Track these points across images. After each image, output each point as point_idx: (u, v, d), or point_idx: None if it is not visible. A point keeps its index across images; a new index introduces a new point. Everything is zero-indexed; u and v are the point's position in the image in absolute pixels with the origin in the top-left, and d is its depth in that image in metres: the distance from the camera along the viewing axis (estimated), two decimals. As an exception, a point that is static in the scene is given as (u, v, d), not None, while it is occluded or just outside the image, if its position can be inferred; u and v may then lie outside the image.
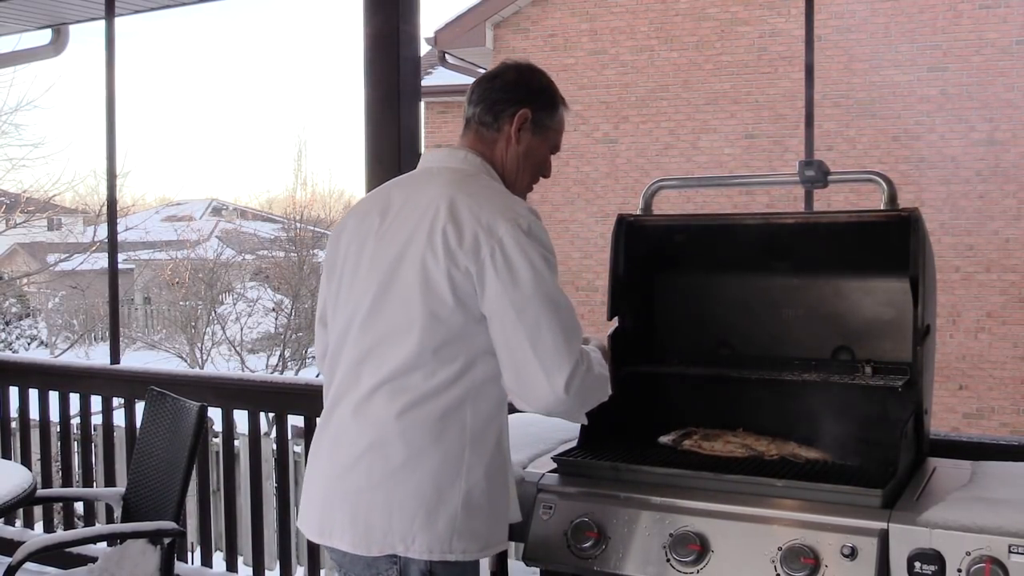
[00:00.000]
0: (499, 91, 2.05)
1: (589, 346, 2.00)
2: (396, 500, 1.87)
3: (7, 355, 11.65)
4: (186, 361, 15.29)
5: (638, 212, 2.59)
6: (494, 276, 1.84)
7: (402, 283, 1.90)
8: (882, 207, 2.27)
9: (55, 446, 5.03)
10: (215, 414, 4.02)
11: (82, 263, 16.24)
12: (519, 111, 2.03)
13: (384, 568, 1.89)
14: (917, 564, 1.81)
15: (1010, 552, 1.75)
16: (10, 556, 2.93)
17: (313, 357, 15.83)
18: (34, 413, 4.71)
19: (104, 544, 3.90)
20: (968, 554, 1.78)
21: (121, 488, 3.44)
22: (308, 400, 3.74)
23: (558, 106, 2.10)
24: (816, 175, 2.38)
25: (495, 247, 1.84)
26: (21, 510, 4.50)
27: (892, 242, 2.19)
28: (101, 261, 15.24)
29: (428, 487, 1.86)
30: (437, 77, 12.48)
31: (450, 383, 1.87)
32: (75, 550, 3.89)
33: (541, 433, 2.52)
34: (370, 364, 1.91)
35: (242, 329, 15.82)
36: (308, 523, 2.00)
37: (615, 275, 2.52)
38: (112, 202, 4.84)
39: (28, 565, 2.84)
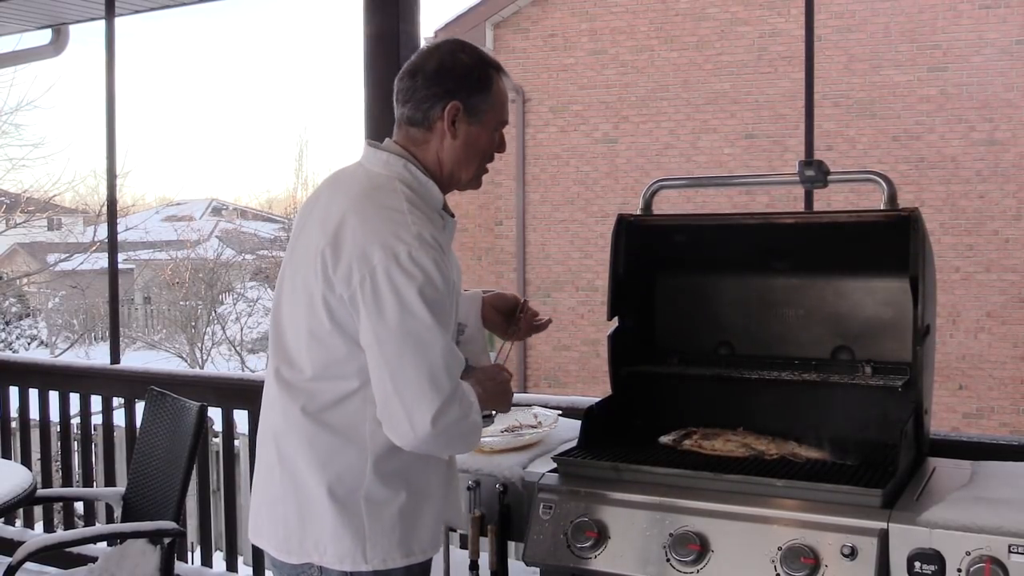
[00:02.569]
0: (423, 87, 1.91)
1: (469, 385, 1.87)
2: (305, 509, 1.87)
3: (7, 355, 11.65)
4: (186, 361, 15.31)
5: (638, 212, 2.59)
6: (362, 306, 1.77)
7: (293, 299, 1.91)
8: (882, 207, 2.27)
9: (55, 446, 5.03)
10: (215, 414, 4.02)
11: (82, 263, 16.25)
12: (448, 104, 1.90)
13: (308, 573, 1.90)
14: (917, 564, 1.81)
15: (1010, 552, 1.75)
16: (10, 556, 2.93)
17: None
18: (34, 413, 4.71)
19: (104, 544, 3.91)
20: (968, 554, 1.78)
21: (121, 488, 3.44)
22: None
23: (490, 83, 1.94)
24: (816, 175, 2.38)
25: (366, 276, 1.76)
26: (21, 510, 4.50)
27: (892, 242, 2.19)
28: (101, 261, 15.25)
29: (331, 497, 1.84)
30: (437, 77, 12.46)
31: (348, 395, 1.85)
32: (75, 550, 3.89)
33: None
34: (281, 369, 1.93)
35: (242, 329, 15.83)
36: (250, 520, 2.04)
37: (615, 275, 2.52)
38: (112, 202, 4.84)
39: (28, 565, 2.85)
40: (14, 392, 4.78)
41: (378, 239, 1.77)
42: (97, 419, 4.75)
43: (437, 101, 1.90)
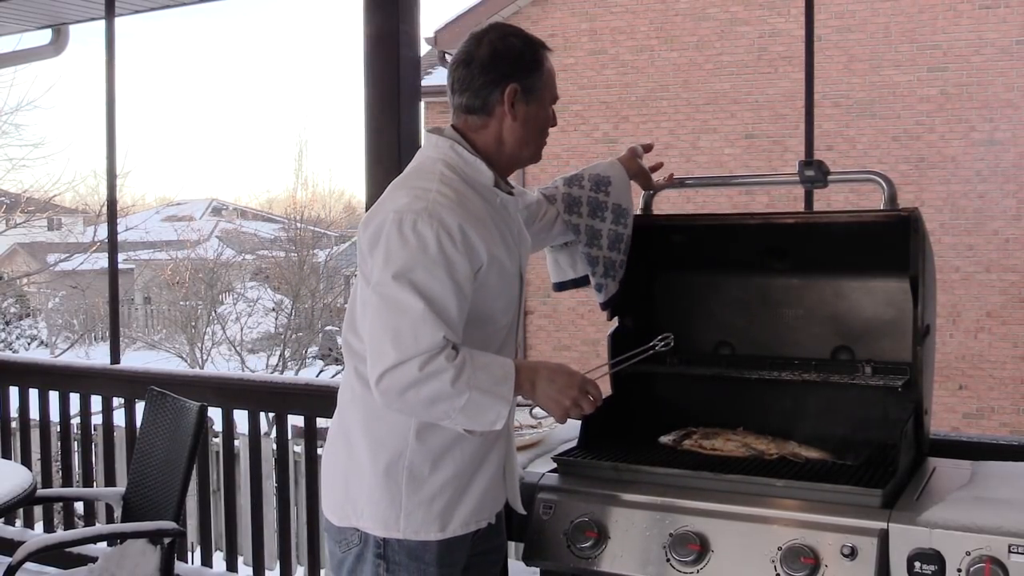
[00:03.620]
0: (479, 75, 1.97)
1: (484, 360, 1.87)
2: (352, 472, 1.97)
3: (7, 355, 11.65)
4: (186, 361, 15.29)
5: (638, 212, 2.59)
6: (371, 255, 1.89)
7: (359, 274, 1.99)
8: (882, 207, 2.27)
9: (55, 446, 5.03)
10: (215, 414, 4.02)
11: (82, 263, 16.24)
12: (507, 88, 1.97)
13: (350, 537, 1.97)
14: (917, 564, 1.81)
15: (1010, 552, 1.75)
16: (10, 556, 2.93)
17: (312, 357, 15.97)
18: (34, 413, 4.71)
19: (104, 544, 3.90)
20: (968, 554, 1.78)
21: (121, 488, 3.44)
22: (308, 400, 3.74)
23: (542, 62, 2.03)
24: (816, 175, 2.38)
25: (377, 237, 1.87)
26: (21, 510, 4.50)
27: (892, 242, 2.19)
28: (101, 261, 15.24)
29: (373, 463, 1.92)
30: (437, 77, 12.44)
31: None
32: (75, 550, 3.89)
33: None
34: (348, 337, 2.01)
35: (242, 329, 15.82)
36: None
37: (615, 275, 2.51)
38: (112, 202, 4.84)
39: (28, 565, 2.85)
40: (14, 392, 4.77)
41: (393, 207, 1.87)
42: (97, 419, 4.74)
43: (495, 86, 1.97)
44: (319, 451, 3.30)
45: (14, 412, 4.92)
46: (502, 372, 1.86)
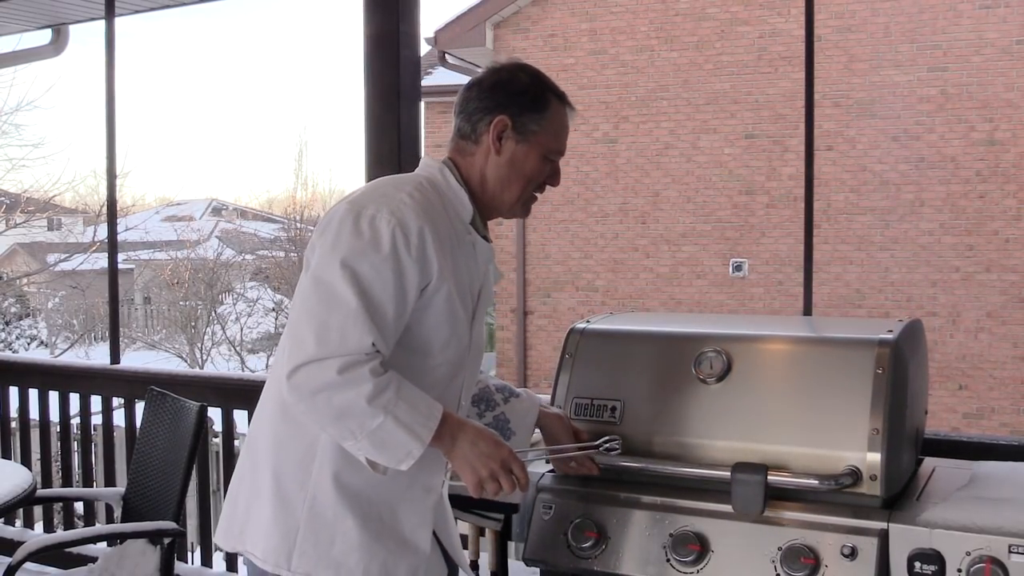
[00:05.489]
0: (476, 99, 1.88)
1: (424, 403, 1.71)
2: (252, 495, 1.84)
3: (7, 355, 11.65)
4: (186, 361, 15.31)
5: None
6: (319, 240, 1.77)
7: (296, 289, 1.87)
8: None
9: (55, 446, 5.03)
10: (215, 414, 4.02)
11: (82, 263, 16.26)
12: (495, 119, 1.86)
13: (248, 564, 1.86)
14: (917, 564, 1.81)
15: (1010, 552, 1.75)
16: (10, 556, 2.93)
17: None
18: (34, 413, 4.71)
19: (104, 544, 3.90)
20: (968, 554, 1.78)
21: (121, 488, 3.44)
22: (308, 400, 3.74)
23: (547, 106, 1.89)
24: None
25: (326, 224, 1.77)
26: (21, 510, 4.50)
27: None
28: (101, 261, 15.26)
29: (275, 485, 1.79)
30: (437, 77, 12.47)
31: None
32: (75, 550, 3.89)
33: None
34: (274, 357, 1.92)
35: (242, 329, 15.84)
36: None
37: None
38: (112, 202, 4.84)
39: (28, 565, 2.85)
40: (14, 392, 4.77)
41: (353, 199, 1.78)
42: (97, 419, 4.74)
43: (486, 114, 1.87)
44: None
45: (14, 412, 4.92)
46: (427, 410, 1.69)
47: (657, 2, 11.13)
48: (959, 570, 1.78)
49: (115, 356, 4.57)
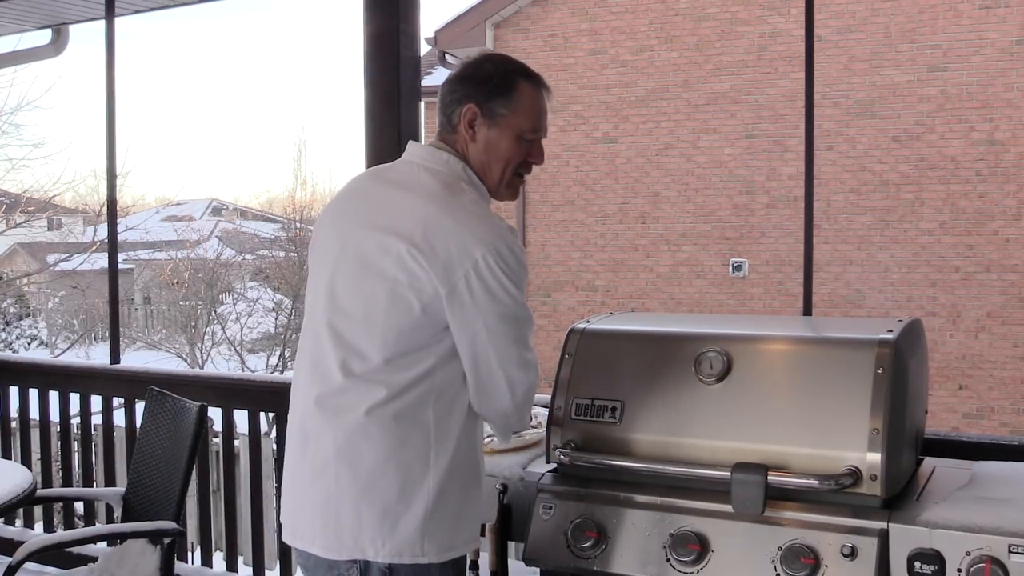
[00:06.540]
0: (448, 92, 2.00)
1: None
2: (364, 505, 1.86)
3: (7, 355, 11.65)
4: (186, 361, 15.29)
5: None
6: (467, 296, 1.82)
7: (360, 296, 1.88)
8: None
9: (55, 446, 5.03)
10: (215, 414, 4.02)
11: (82, 263, 16.24)
12: (464, 108, 1.96)
13: (345, 569, 1.88)
14: (917, 564, 1.81)
15: (1010, 552, 1.75)
16: (10, 556, 2.93)
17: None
18: (34, 413, 4.71)
19: (104, 544, 3.91)
20: (968, 554, 1.78)
21: (121, 488, 3.44)
22: (308, 400, 3.74)
23: (513, 88, 1.96)
24: None
25: (470, 271, 1.82)
26: (21, 510, 4.50)
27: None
28: (101, 261, 15.25)
29: (395, 491, 1.85)
30: (437, 77, 12.47)
31: (412, 384, 1.85)
32: (75, 550, 3.89)
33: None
34: (349, 361, 1.87)
35: (242, 329, 15.82)
36: (284, 524, 2.01)
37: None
38: (112, 202, 4.84)
39: (28, 565, 2.85)
40: (14, 392, 4.77)
41: (475, 237, 1.83)
42: (97, 419, 4.74)
43: (457, 105, 1.98)
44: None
45: (14, 412, 4.92)
46: None
47: (657, 2, 11.14)
48: (959, 570, 1.78)
49: (115, 356, 4.57)
